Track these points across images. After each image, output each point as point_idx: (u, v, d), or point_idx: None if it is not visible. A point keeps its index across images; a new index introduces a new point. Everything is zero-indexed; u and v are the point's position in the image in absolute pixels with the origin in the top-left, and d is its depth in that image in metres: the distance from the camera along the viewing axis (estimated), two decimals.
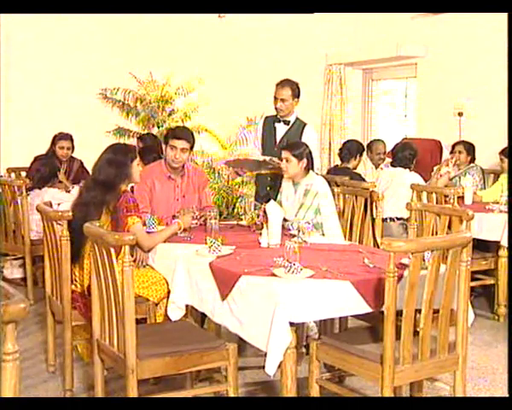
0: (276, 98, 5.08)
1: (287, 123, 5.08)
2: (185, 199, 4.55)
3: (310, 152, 4.39)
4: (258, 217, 4.16)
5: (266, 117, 5.28)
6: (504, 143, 5.87)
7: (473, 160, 6.27)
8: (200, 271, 3.37)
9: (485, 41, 6.88)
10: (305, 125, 5.10)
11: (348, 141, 6.37)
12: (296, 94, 5.06)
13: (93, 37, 7.46)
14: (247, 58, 8.18)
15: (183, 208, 4.35)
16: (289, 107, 5.05)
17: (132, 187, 4.70)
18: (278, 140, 5.08)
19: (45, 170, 5.83)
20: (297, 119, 5.13)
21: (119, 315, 2.96)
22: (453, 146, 6.39)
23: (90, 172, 3.96)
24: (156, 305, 3.77)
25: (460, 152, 6.25)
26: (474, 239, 3.89)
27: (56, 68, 7.32)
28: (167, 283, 3.70)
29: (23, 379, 3.65)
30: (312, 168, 4.42)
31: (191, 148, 4.52)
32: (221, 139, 8.13)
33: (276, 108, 5.09)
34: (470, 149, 6.25)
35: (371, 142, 6.80)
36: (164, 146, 4.56)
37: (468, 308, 3.06)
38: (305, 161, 4.32)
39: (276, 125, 5.12)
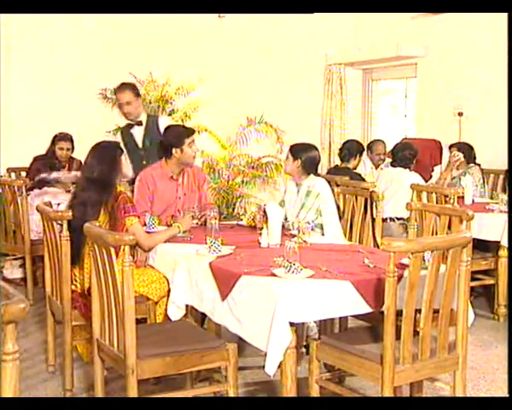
0: (121, 104, 5.05)
1: (140, 124, 5.06)
2: (186, 197, 4.56)
3: (313, 158, 4.38)
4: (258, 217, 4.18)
5: (121, 128, 5.22)
6: (504, 143, 5.87)
7: (472, 160, 6.25)
8: (200, 271, 3.37)
9: (485, 41, 6.88)
10: (157, 118, 5.16)
11: (348, 141, 6.37)
12: (137, 93, 5.06)
13: (93, 37, 7.45)
14: (247, 58, 8.18)
15: (183, 209, 4.35)
16: (137, 107, 5.04)
17: (133, 189, 4.69)
18: (140, 143, 5.07)
19: (46, 170, 5.83)
20: (149, 116, 5.15)
21: (119, 315, 2.97)
22: (449, 147, 6.39)
23: (81, 172, 3.96)
24: (156, 303, 3.78)
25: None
26: (474, 239, 3.89)
27: (56, 68, 7.31)
28: (168, 281, 3.70)
29: (23, 379, 3.65)
30: (315, 173, 4.41)
31: None
32: (221, 139, 8.13)
33: (124, 115, 5.06)
34: (467, 150, 6.22)
35: (371, 142, 6.80)
36: (175, 149, 4.46)
37: (468, 308, 3.06)
38: (299, 161, 4.32)
39: (132, 130, 5.08)
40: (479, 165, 6.24)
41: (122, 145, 5.01)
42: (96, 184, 3.69)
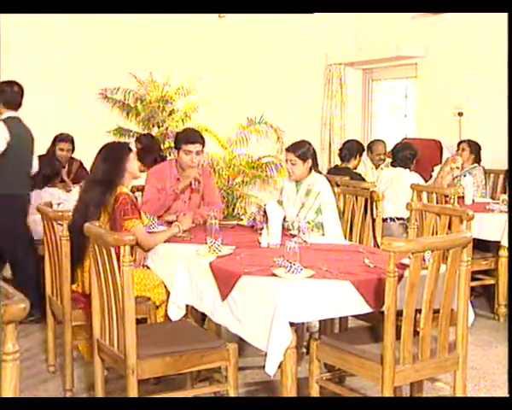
0: None
1: None
2: (191, 201, 4.56)
3: (314, 151, 4.39)
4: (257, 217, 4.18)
5: None
6: (504, 143, 5.87)
7: (478, 160, 6.26)
8: (201, 271, 3.37)
9: (485, 41, 6.88)
10: None
11: (348, 141, 6.37)
12: None
13: (93, 37, 7.44)
14: (247, 58, 8.18)
15: (184, 211, 4.37)
16: None
17: (143, 188, 4.70)
18: None
19: (47, 170, 5.83)
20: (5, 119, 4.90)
21: (119, 315, 2.96)
22: (458, 144, 6.40)
23: (89, 175, 3.95)
24: (157, 307, 3.76)
25: (463, 149, 6.26)
26: (474, 239, 3.89)
27: (56, 68, 7.31)
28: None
29: (23, 379, 3.64)
30: (316, 168, 4.42)
31: (203, 147, 4.55)
32: (221, 139, 8.13)
33: None
34: (475, 148, 6.25)
35: (371, 142, 6.80)
36: (175, 151, 4.52)
37: (468, 308, 3.06)
38: (309, 161, 4.32)
39: None
40: (482, 167, 6.26)
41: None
42: (98, 185, 3.68)
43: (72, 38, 7.38)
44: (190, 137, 4.50)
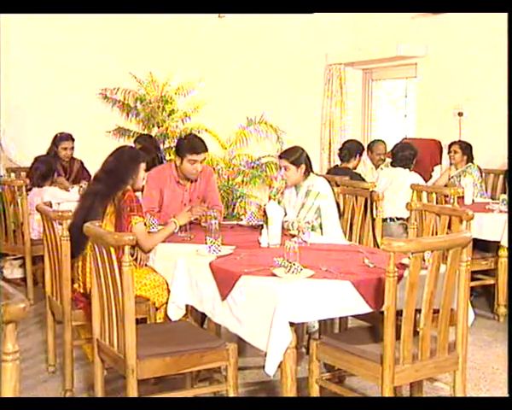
0: None
1: None
2: (191, 203, 4.55)
3: (307, 155, 4.38)
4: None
5: None
6: (504, 143, 5.87)
7: (470, 159, 6.26)
8: (200, 271, 3.37)
9: (485, 41, 6.89)
10: None
11: (348, 141, 6.37)
12: None
13: (93, 37, 7.44)
14: (247, 58, 8.18)
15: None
16: None
17: (143, 188, 4.69)
18: None
19: (43, 167, 5.84)
20: None
21: (119, 315, 2.96)
22: (449, 146, 6.40)
23: (100, 167, 3.90)
24: (157, 309, 3.76)
25: (455, 152, 6.26)
26: (474, 239, 3.89)
27: (56, 68, 7.31)
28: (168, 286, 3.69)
29: (23, 379, 3.65)
30: (312, 170, 4.42)
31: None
32: (221, 139, 8.13)
33: None
34: (467, 148, 6.25)
35: (372, 142, 6.80)
36: (177, 157, 4.49)
37: (468, 308, 3.06)
38: (303, 166, 4.31)
39: None
40: (477, 165, 6.25)
41: None
42: (109, 176, 3.69)
43: (72, 38, 7.38)
44: (197, 147, 4.44)
